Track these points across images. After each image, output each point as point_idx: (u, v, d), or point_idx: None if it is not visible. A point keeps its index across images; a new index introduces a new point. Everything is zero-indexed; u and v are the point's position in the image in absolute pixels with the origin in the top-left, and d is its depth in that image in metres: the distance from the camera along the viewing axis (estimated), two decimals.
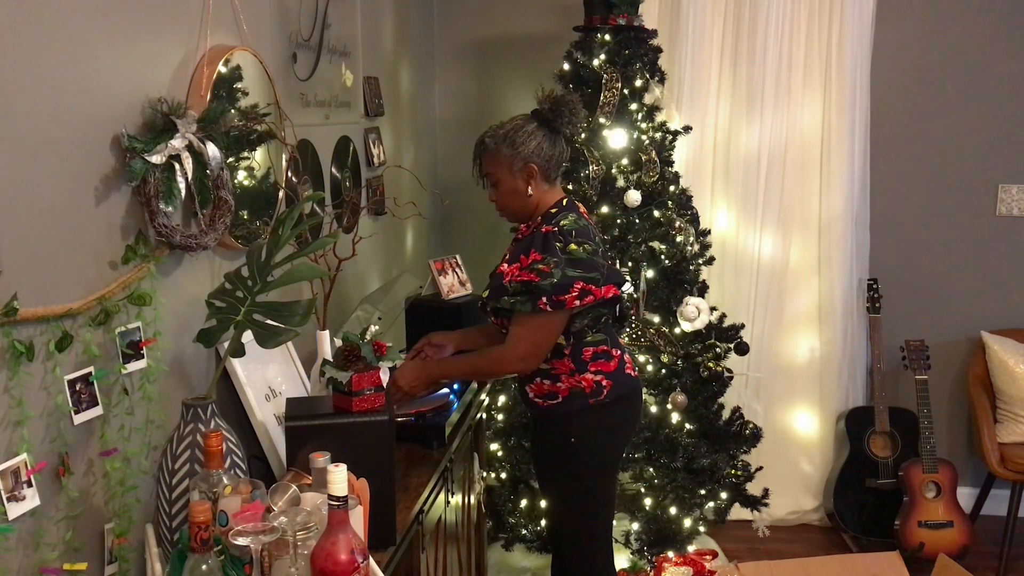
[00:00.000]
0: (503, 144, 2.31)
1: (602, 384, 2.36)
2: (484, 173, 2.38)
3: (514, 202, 2.36)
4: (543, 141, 2.32)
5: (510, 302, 2.25)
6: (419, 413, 2.33)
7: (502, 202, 2.38)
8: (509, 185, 2.34)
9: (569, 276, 2.22)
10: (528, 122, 2.34)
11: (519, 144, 2.30)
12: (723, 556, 3.51)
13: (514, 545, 3.49)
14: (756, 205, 3.85)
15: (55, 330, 1.44)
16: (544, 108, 2.33)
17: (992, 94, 3.80)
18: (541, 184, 2.34)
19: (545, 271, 2.21)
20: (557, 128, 2.34)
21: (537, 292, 2.21)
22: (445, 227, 4.16)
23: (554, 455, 2.44)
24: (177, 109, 1.68)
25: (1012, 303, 3.90)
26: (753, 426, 3.49)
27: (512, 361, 2.31)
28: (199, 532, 1.29)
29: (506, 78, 4.09)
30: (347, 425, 1.72)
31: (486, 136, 2.36)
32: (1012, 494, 3.53)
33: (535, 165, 2.31)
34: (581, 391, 2.35)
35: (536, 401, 2.41)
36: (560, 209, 2.34)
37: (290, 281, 1.75)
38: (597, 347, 2.37)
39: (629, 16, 3.27)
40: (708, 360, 3.35)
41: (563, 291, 2.21)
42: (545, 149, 2.32)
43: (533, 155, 2.30)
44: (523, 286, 2.24)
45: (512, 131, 2.32)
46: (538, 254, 2.24)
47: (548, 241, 2.25)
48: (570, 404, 2.36)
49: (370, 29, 3.08)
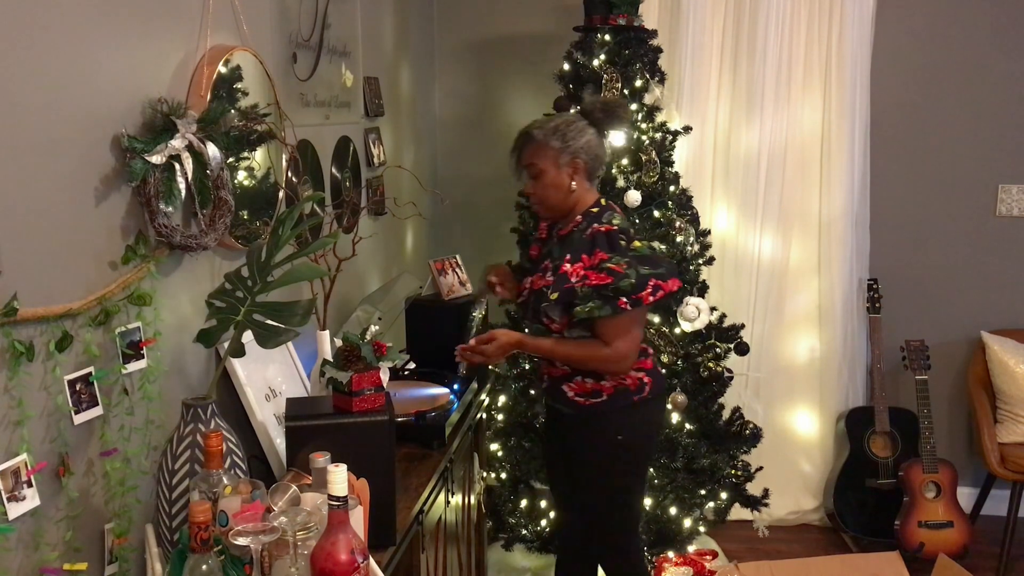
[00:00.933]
0: (552, 136, 2.32)
1: (644, 381, 2.39)
2: (525, 164, 2.38)
3: (554, 196, 2.36)
4: (592, 139, 2.34)
5: (586, 310, 2.23)
6: (419, 413, 2.32)
7: (541, 194, 2.38)
8: (552, 178, 2.34)
9: (643, 274, 2.23)
10: (578, 119, 2.36)
11: (569, 138, 2.31)
12: (723, 556, 3.51)
13: (514, 545, 3.49)
14: (756, 205, 3.85)
15: (55, 330, 1.44)
16: (595, 109, 2.35)
17: (992, 94, 3.80)
18: (584, 181, 2.36)
19: (618, 271, 2.21)
20: (604, 131, 2.37)
21: (616, 293, 2.21)
22: (445, 227, 4.16)
23: (596, 453, 2.43)
24: (177, 109, 1.68)
25: (1012, 303, 3.90)
26: (753, 426, 3.49)
27: (617, 360, 2.30)
28: (199, 532, 1.29)
29: (506, 78, 4.09)
30: (347, 425, 1.72)
31: (533, 128, 2.36)
32: (1012, 494, 3.53)
33: (582, 161, 2.32)
34: (626, 388, 2.36)
35: (577, 400, 2.40)
36: (601, 209, 2.35)
37: (290, 281, 1.75)
38: None
39: (629, 16, 3.27)
40: (708, 360, 3.35)
41: (641, 289, 2.23)
42: (594, 147, 2.34)
43: (582, 151, 2.32)
44: (595, 290, 2.23)
45: (563, 125, 2.33)
46: (605, 253, 2.24)
47: (613, 240, 2.26)
48: (615, 402, 2.37)
49: (370, 29, 3.08)
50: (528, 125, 2.40)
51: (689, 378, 3.36)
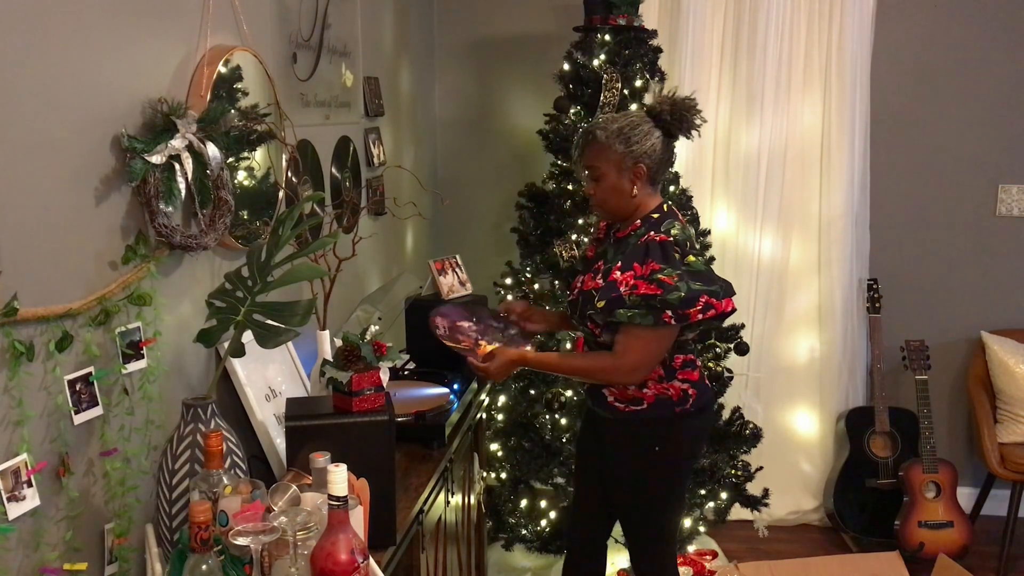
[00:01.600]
0: (616, 140, 2.22)
1: (688, 393, 2.31)
2: (587, 165, 2.29)
3: (614, 200, 2.28)
4: (657, 143, 2.23)
5: (628, 315, 2.16)
6: (419, 413, 2.32)
7: (601, 197, 2.29)
8: (613, 182, 2.25)
9: (694, 290, 2.14)
10: (644, 120, 2.24)
11: (633, 142, 2.21)
12: (723, 556, 3.52)
13: (514, 545, 3.49)
14: (756, 205, 3.85)
15: (55, 330, 1.44)
16: (663, 110, 2.23)
17: (992, 94, 3.80)
18: (646, 186, 2.26)
19: (668, 283, 2.13)
20: (673, 133, 2.26)
21: (663, 305, 2.13)
22: (445, 227, 4.16)
23: (632, 462, 2.37)
24: (177, 109, 1.68)
25: (1012, 303, 3.90)
26: (753, 426, 3.49)
27: (624, 372, 2.23)
28: (199, 532, 1.30)
29: (506, 78, 4.09)
30: (347, 425, 1.72)
31: (597, 128, 2.26)
32: (1012, 494, 3.53)
33: (645, 166, 2.23)
34: (668, 399, 2.29)
35: (616, 405, 2.33)
36: (663, 215, 2.26)
37: (290, 281, 1.75)
38: (685, 355, 2.31)
39: (629, 16, 3.27)
40: (708, 360, 3.35)
41: (690, 305, 2.14)
42: (659, 151, 2.24)
43: (646, 156, 2.22)
44: (644, 300, 2.15)
45: (628, 128, 2.22)
46: (657, 264, 2.15)
47: (667, 251, 2.16)
48: (656, 411, 2.29)
49: (370, 29, 3.08)
50: (592, 123, 2.29)
51: None
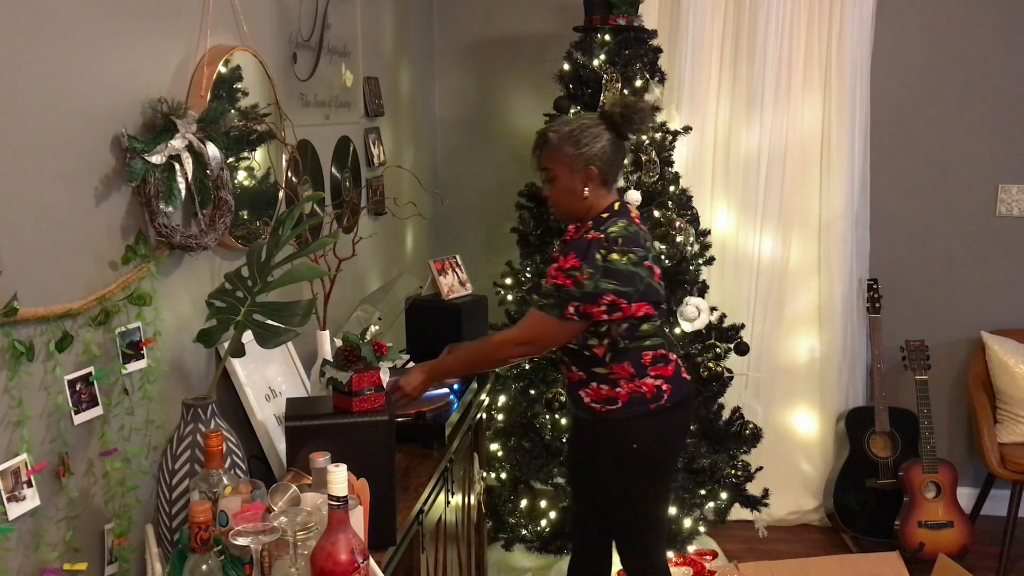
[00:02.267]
0: (567, 142, 2.27)
1: (662, 388, 2.34)
2: (542, 167, 2.35)
3: (567, 201, 2.33)
4: (608, 145, 2.28)
5: (540, 303, 2.25)
6: (419, 413, 2.32)
7: (555, 199, 2.36)
8: (566, 184, 2.30)
9: (601, 288, 2.19)
10: (595, 123, 2.29)
11: (583, 144, 2.26)
12: (723, 556, 3.52)
13: (514, 545, 3.49)
14: (756, 205, 3.85)
15: (55, 330, 1.44)
16: (615, 112, 2.29)
17: (992, 94, 3.80)
18: (598, 188, 2.31)
19: (580, 280, 2.19)
20: (624, 134, 2.31)
21: (567, 298, 2.20)
22: (445, 227, 4.16)
23: (613, 462, 2.39)
24: (177, 109, 1.68)
25: (1012, 303, 3.90)
26: (753, 426, 3.49)
27: (511, 345, 2.31)
28: (199, 532, 1.29)
29: (506, 78, 4.09)
30: (347, 425, 1.72)
31: (550, 130, 2.32)
32: (1012, 494, 3.53)
33: (596, 168, 2.27)
34: (642, 396, 2.32)
35: (593, 406, 2.36)
36: (611, 215, 2.30)
37: (290, 281, 1.75)
38: (656, 351, 2.34)
39: (629, 16, 3.28)
40: (708, 360, 3.35)
41: (591, 301, 2.19)
42: (609, 153, 2.28)
43: (596, 158, 2.27)
44: (555, 289, 2.23)
45: (578, 130, 2.28)
46: (577, 260, 2.21)
47: (591, 249, 2.22)
48: (630, 409, 2.32)
49: (370, 29, 3.08)
50: (547, 125, 2.36)
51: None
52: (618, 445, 2.36)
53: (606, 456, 2.41)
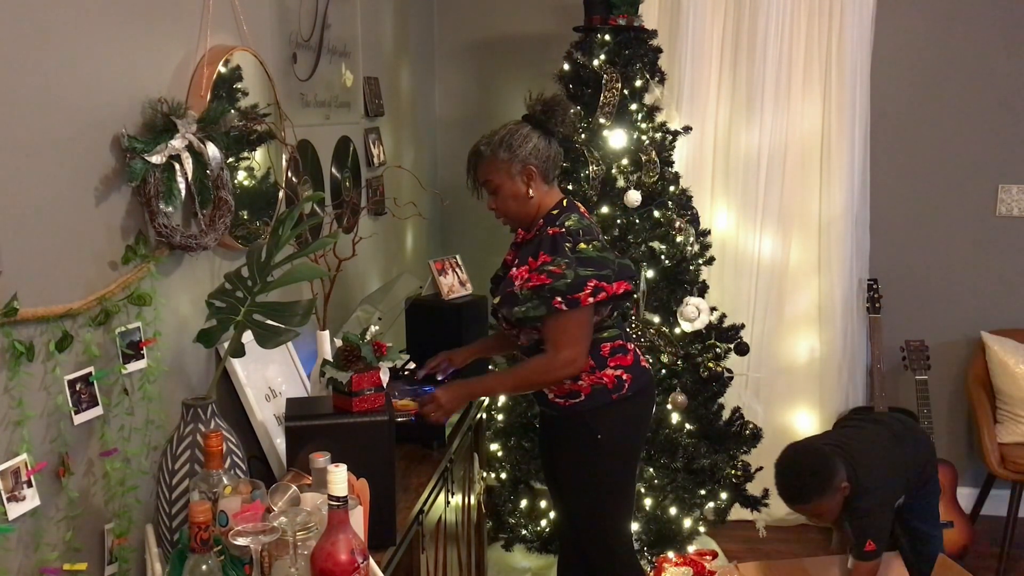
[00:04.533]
0: (500, 149, 2.32)
1: (623, 379, 2.37)
2: (482, 182, 2.39)
3: (515, 206, 2.36)
4: (539, 142, 2.32)
5: (522, 311, 2.25)
6: (419, 413, 2.32)
7: (503, 207, 2.38)
8: (509, 189, 2.34)
9: (582, 275, 2.23)
10: (521, 126, 2.35)
11: (516, 147, 2.31)
12: (723, 556, 3.51)
13: (514, 545, 3.49)
14: (756, 205, 3.85)
15: (55, 330, 1.44)
16: (536, 110, 2.34)
17: (992, 94, 3.80)
18: (541, 185, 2.35)
19: (556, 272, 2.22)
20: (551, 129, 2.34)
21: (551, 293, 2.22)
22: (445, 227, 4.16)
23: (579, 454, 2.42)
24: (177, 109, 1.68)
25: (1012, 303, 3.90)
26: (753, 426, 3.49)
27: (559, 367, 2.29)
28: (199, 532, 1.29)
29: (506, 78, 4.09)
30: (347, 425, 1.72)
31: (480, 144, 2.37)
32: (1012, 494, 3.53)
33: (533, 167, 2.32)
34: (603, 387, 2.36)
35: (557, 401, 2.40)
36: (561, 210, 2.35)
37: (290, 281, 1.75)
38: (613, 342, 2.38)
39: (629, 16, 3.27)
40: (708, 360, 3.35)
41: (577, 289, 2.22)
42: (542, 150, 2.33)
43: (531, 156, 2.31)
44: (533, 291, 2.24)
45: (507, 135, 2.33)
46: (547, 255, 2.24)
47: (557, 242, 2.26)
48: (593, 401, 2.36)
49: (370, 29, 3.08)
50: (476, 142, 2.39)
51: (689, 378, 3.36)
52: (582, 437, 2.40)
53: (571, 449, 2.45)
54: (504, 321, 2.38)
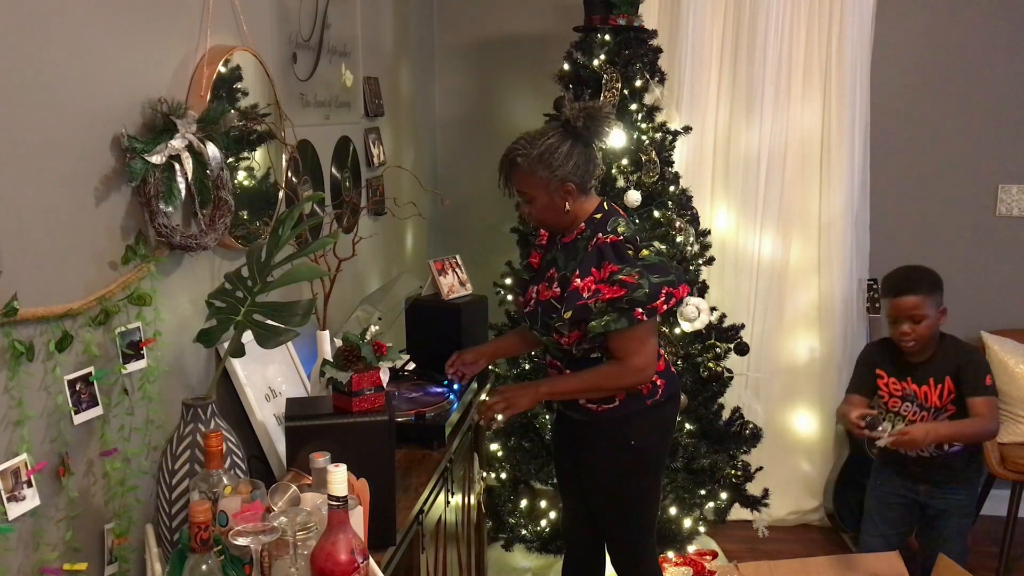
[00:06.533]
0: (538, 165, 2.24)
1: (657, 384, 2.36)
2: (517, 190, 2.33)
3: (551, 217, 2.33)
4: (579, 159, 2.25)
5: (602, 324, 2.20)
6: (419, 413, 2.32)
7: (538, 216, 2.34)
8: (546, 203, 2.29)
9: (655, 283, 2.20)
10: (562, 141, 2.25)
11: (556, 166, 2.23)
12: (723, 556, 3.52)
13: (514, 545, 3.49)
14: (756, 205, 3.85)
15: (55, 330, 1.44)
16: (578, 123, 2.24)
17: (992, 94, 3.80)
18: (579, 198, 2.30)
19: (629, 282, 2.18)
20: (591, 142, 2.28)
21: (631, 305, 2.18)
22: (445, 227, 4.16)
23: (610, 459, 2.41)
24: (177, 109, 1.68)
25: (1012, 303, 3.90)
26: (753, 426, 3.49)
27: (631, 374, 2.27)
28: (199, 532, 1.29)
29: (506, 78, 4.09)
30: (347, 425, 1.72)
31: (517, 155, 2.26)
32: (1012, 494, 3.52)
33: (573, 184, 2.26)
34: (638, 392, 2.34)
35: (589, 407, 2.37)
36: (605, 215, 2.31)
37: (290, 281, 1.75)
38: None
39: (629, 16, 3.27)
40: (708, 360, 3.35)
41: (655, 298, 2.20)
42: (581, 167, 2.26)
43: (571, 175, 2.25)
44: (610, 304, 2.20)
45: (547, 152, 2.23)
46: (614, 265, 2.20)
47: (620, 251, 2.22)
48: (628, 407, 2.35)
49: (370, 29, 3.08)
50: (512, 148, 2.29)
51: (689, 378, 3.36)
52: (615, 443, 2.38)
53: (603, 455, 2.42)
54: (555, 332, 2.31)
